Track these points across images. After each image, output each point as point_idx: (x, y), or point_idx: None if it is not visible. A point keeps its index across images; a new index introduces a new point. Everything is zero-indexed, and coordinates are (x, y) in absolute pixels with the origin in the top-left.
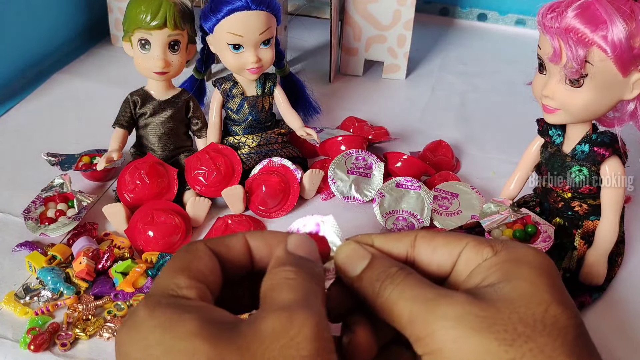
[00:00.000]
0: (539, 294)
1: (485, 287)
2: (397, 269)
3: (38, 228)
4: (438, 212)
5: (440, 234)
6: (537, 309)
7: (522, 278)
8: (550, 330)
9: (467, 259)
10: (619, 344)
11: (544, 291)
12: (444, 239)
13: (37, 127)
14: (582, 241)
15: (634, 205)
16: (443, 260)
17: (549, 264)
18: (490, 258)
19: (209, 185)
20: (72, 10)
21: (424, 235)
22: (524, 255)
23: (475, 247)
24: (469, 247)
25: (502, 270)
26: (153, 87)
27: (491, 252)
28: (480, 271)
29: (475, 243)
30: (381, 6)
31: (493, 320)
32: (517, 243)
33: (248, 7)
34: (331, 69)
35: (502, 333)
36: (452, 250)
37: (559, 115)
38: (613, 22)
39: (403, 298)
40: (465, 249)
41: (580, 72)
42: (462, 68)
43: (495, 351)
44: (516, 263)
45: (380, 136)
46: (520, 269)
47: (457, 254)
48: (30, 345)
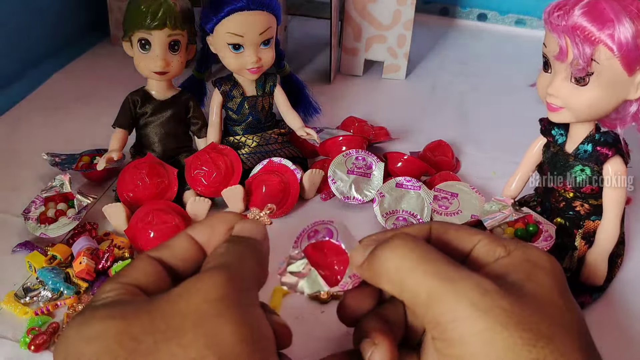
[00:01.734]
0: (554, 298)
1: (508, 281)
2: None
3: (38, 228)
4: (438, 212)
5: (453, 227)
6: (555, 313)
7: (540, 281)
8: (567, 332)
9: (479, 255)
10: (619, 344)
11: (558, 296)
12: (456, 233)
13: (37, 127)
14: (583, 241)
15: (634, 205)
16: (455, 254)
17: (559, 268)
18: (505, 257)
19: (209, 185)
20: (72, 10)
21: (437, 228)
22: (538, 258)
23: (488, 245)
24: (482, 244)
25: (523, 271)
26: (153, 87)
27: (504, 252)
28: (501, 267)
29: (488, 240)
30: (381, 6)
31: (519, 317)
32: (528, 244)
33: (248, 7)
34: (331, 69)
35: (528, 332)
36: (465, 244)
37: (563, 114)
38: (620, 20)
39: (419, 272)
40: (479, 245)
41: (586, 70)
42: (462, 68)
43: (519, 350)
44: (534, 266)
45: (380, 136)
46: (537, 272)
47: (470, 249)
48: (30, 345)
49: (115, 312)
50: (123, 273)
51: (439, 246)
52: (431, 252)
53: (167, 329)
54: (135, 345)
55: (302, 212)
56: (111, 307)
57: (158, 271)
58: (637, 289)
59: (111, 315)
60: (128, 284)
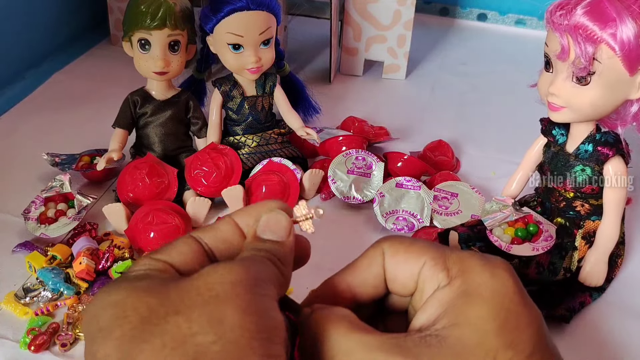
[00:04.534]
0: (487, 342)
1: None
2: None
3: (38, 228)
4: (438, 212)
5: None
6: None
7: (469, 323)
8: None
9: (424, 279)
10: (618, 344)
11: (493, 335)
12: (405, 255)
13: (37, 127)
14: (583, 241)
15: (634, 205)
16: (405, 278)
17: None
18: (443, 287)
19: (209, 185)
20: (72, 10)
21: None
22: (477, 285)
23: (432, 268)
24: (426, 267)
25: (452, 312)
26: (153, 87)
27: (446, 279)
28: (432, 304)
29: (432, 263)
30: (381, 6)
31: None
32: (476, 263)
33: (248, 7)
34: (331, 69)
35: None
36: (412, 267)
37: (565, 114)
38: (622, 20)
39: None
40: (424, 268)
41: (588, 70)
42: (462, 68)
43: None
44: (467, 299)
45: (380, 136)
46: (469, 309)
47: (417, 272)
48: (30, 346)
49: (141, 285)
50: (160, 249)
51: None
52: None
53: (180, 303)
54: (148, 314)
55: None
56: (139, 280)
57: (195, 251)
58: (637, 289)
59: (135, 286)
60: (161, 261)
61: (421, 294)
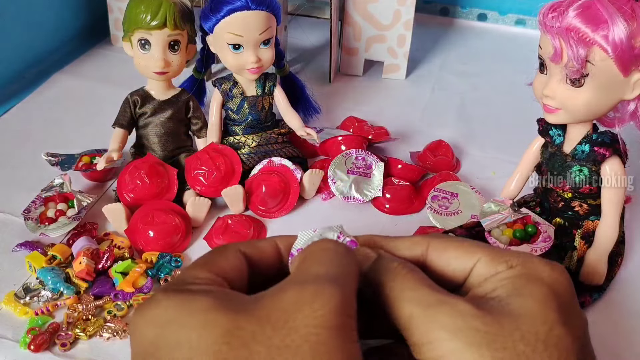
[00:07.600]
0: (545, 313)
1: (493, 298)
2: (398, 264)
3: (38, 228)
4: (438, 211)
5: (453, 243)
6: (541, 328)
7: (531, 295)
8: (551, 351)
9: (480, 274)
10: (619, 344)
11: (552, 310)
12: (456, 252)
13: (37, 127)
14: (583, 241)
15: (634, 205)
16: (456, 274)
17: (563, 281)
18: (502, 272)
19: (209, 185)
20: (72, 10)
21: (436, 246)
22: (539, 271)
23: (489, 263)
24: (481, 262)
25: (512, 285)
26: (153, 87)
27: (506, 268)
28: (492, 281)
29: (488, 259)
30: (381, 6)
31: (494, 336)
32: (537, 258)
33: (248, 7)
34: (331, 69)
35: (501, 351)
36: (464, 264)
37: (560, 115)
38: (614, 21)
39: (403, 299)
40: (478, 264)
41: (581, 72)
42: (462, 68)
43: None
44: (528, 279)
45: (380, 136)
46: (531, 286)
47: (470, 268)
48: (30, 345)
49: (220, 307)
50: (214, 261)
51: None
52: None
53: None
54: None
55: (302, 212)
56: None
57: (243, 268)
58: (637, 289)
59: (215, 308)
60: (218, 276)
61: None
